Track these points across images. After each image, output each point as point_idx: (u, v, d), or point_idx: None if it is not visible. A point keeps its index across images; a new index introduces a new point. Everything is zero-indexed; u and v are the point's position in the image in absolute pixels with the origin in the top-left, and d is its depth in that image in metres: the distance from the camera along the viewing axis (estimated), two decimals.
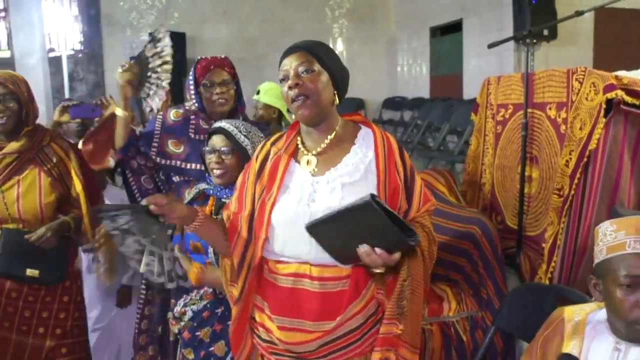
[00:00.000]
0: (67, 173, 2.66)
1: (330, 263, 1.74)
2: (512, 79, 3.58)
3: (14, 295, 2.62)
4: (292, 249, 1.77)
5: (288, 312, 1.77)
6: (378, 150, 1.83)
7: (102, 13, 9.79)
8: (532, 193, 3.31)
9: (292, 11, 10.09)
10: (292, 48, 1.80)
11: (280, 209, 1.78)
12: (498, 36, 6.76)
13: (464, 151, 6.40)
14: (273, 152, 1.87)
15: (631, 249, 1.58)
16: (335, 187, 1.76)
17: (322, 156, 1.83)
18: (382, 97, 9.98)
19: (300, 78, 1.75)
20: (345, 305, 1.75)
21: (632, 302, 1.57)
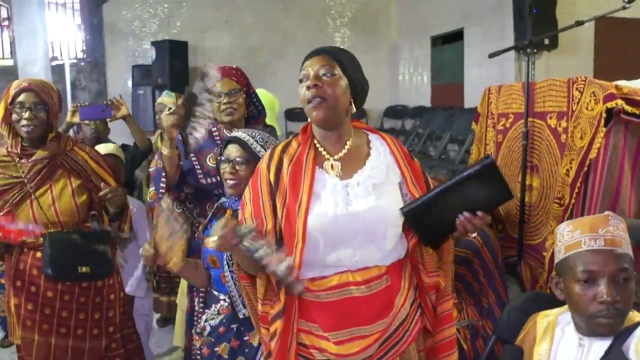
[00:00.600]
0: (94, 173, 2.74)
1: (370, 264, 1.78)
2: (513, 88, 3.59)
3: (66, 298, 2.66)
4: (334, 255, 1.77)
5: (343, 325, 1.76)
6: (395, 153, 1.89)
7: (104, 22, 9.84)
8: (532, 202, 3.31)
9: (294, 20, 10.13)
10: (316, 51, 1.85)
11: (316, 215, 1.76)
12: (499, 45, 6.79)
13: (465, 160, 6.42)
14: (287, 160, 1.86)
15: (586, 247, 1.67)
16: (368, 187, 1.80)
17: (344, 160, 1.86)
18: (383, 105, 9.99)
19: (320, 80, 1.78)
20: (393, 299, 1.80)
21: (589, 297, 1.65)
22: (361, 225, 1.76)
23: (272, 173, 1.85)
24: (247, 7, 10.02)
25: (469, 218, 1.73)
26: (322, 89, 1.77)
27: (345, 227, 1.74)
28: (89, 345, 2.70)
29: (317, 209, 1.76)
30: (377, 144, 1.91)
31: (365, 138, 1.93)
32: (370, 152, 1.88)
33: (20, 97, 2.56)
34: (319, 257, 1.77)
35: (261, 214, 1.82)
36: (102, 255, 2.71)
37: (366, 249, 1.76)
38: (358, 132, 1.94)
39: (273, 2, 10.05)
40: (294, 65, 3.10)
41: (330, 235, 1.75)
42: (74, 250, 2.63)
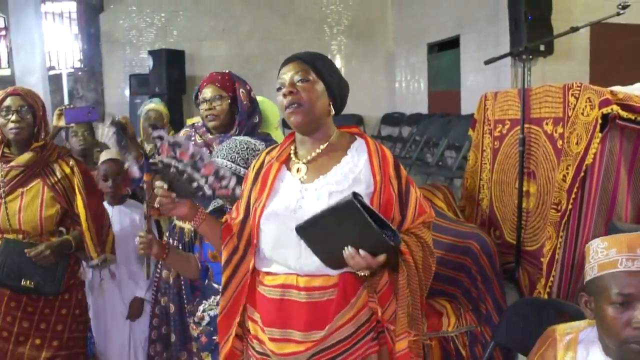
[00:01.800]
0: (71, 189, 2.70)
1: (318, 272, 1.77)
2: (509, 94, 3.60)
3: (12, 304, 2.64)
4: (281, 254, 1.81)
5: (278, 324, 1.80)
6: (373, 160, 1.85)
7: (101, 31, 9.89)
8: (530, 208, 3.32)
9: (291, 29, 10.17)
10: (289, 58, 1.87)
11: (268, 213, 1.82)
12: (495, 52, 6.82)
13: (462, 166, 6.42)
14: (267, 161, 1.92)
15: (623, 267, 1.57)
16: (322, 194, 1.79)
17: (312, 164, 1.87)
18: (380, 113, 10.02)
19: (295, 86, 1.80)
20: (332, 314, 1.77)
21: (624, 321, 1.56)
22: None
23: (253, 172, 1.94)
24: (244, 16, 10.06)
25: (351, 254, 1.63)
26: (298, 94, 1.79)
27: (292, 229, 1.72)
28: (28, 354, 2.65)
29: (271, 206, 1.82)
30: (355, 152, 1.88)
31: (350, 144, 1.90)
32: (341, 159, 1.86)
33: (7, 101, 2.60)
34: (268, 253, 1.84)
35: (239, 207, 1.95)
36: (52, 273, 2.65)
37: (311, 254, 1.73)
38: (344, 137, 1.92)
39: (270, 11, 10.09)
40: None
41: (278, 234, 1.80)
42: (23, 262, 2.58)
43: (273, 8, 10.11)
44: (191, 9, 9.99)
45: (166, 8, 9.97)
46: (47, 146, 2.71)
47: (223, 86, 2.73)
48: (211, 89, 2.73)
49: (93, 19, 9.86)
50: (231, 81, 2.76)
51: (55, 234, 2.71)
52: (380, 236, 1.59)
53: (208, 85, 2.74)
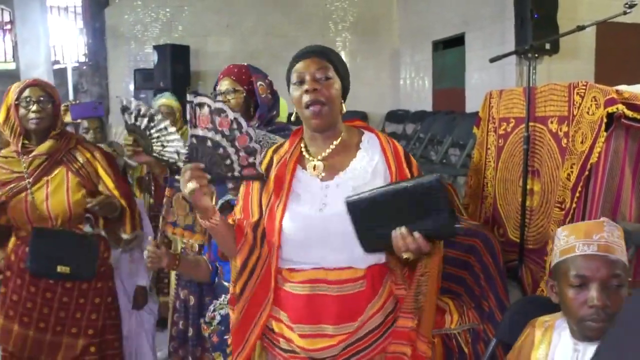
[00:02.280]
0: (95, 173, 2.75)
1: (345, 265, 1.76)
2: (514, 92, 3.60)
3: (48, 295, 2.70)
4: (306, 255, 1.78)
5: (308, 319, 1.77)
6: (386, 153, 1.84)
7: (106, 25, 9.89)
8: (533, 206, 3.32)
9: (296, 25, 10.16)
10: (307, 52, 1.80)
11: (291, 215, 1.78)
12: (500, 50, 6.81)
13: (466, 164, 6.41)
14: (276, 160, 1.87)
15: (580, 251, 1.69)
16: (346, 190, 1.75)
17: (328, 161, 1.84)
18: (385, 110, 10.01)
19: (318, 83, 1.75)
20: (364, 305, 1.77)
21: (581, 301, 1.67)
22: (335, 227, 1.73)
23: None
24: (248, 12, 10.06)
25: (403, 234, 1.58)
26: (322, 92, 1.75)
27: (320, 228, 1.73)
28: (65, 342, 2.72)
29: (293, 209, 1.78)
30: (367, 145, 1.87)
31: (359, 138, 1.90)
32: (357, 154, 1.85)
33: (26, 92, 2.63)
34: (294, 255, 1.79)
35: (248, 210, 1.87)
36: (86, 257, 2.71)
37: (340, 252, 1.75)
38: (352, 131, 1.90)
39: (274, 7, 10.08)
40: None
41: (305, 235, 1.76)
42: (57, 248, 2.64)
43: (277, 4, 10.09)
44: (196, 4, 9.99)
45: (171, 3, 9.97)
46: (65, 134, 2.76)
47: (238, 79, 2.69)
48: (227, 82, 2.69)
49: (98, 13, 9.87)
50: (247, 74, 2.71)
51: (83, 220, 2.75)
52: (451, 221, 1.58)
53: (224, 77, 2.70)
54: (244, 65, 2.78)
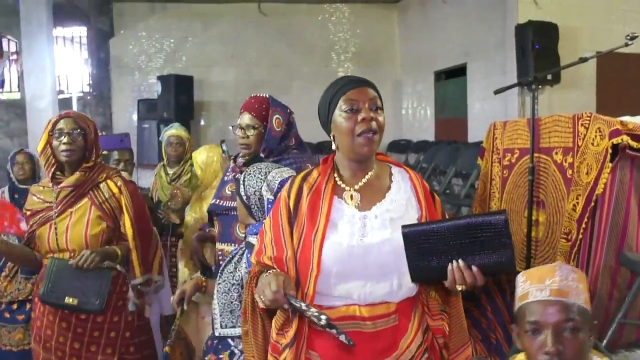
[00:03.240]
0: (119, 208, 2.75)
1: (378, 301, 1.75)
2: (518, 124, 3.62)
3: (64, 325, 2.70)
4: (344, 286, 1.75)
5: (343, 358, 1.73)
6: (416, 188, 1.86)
7: (111, 56, 9.97)
8: (539, 237, 3.31)
9: (299, 55, 10.23)
10: (360, 81, 1.83)
11: (331, 244, 1.74)
12: (502, 80, 6.86)
13: (469, 195, 6.41)
14: (306, 189, 1.85)
15: (533, 297, 1.67)
16: (385, 221, 1.76)
17: (363, 191, 1.83)
18: (387, 139, 10.02)
19: (374, 112, 1.77)
20: (398, 340, 1.76)
21: (536, 347, 1.65)
22: (375, 258, 1.73)
23: (291, 201, 1.85)
24: (252, 43, 10.13)
25: (462, 267, 1.64)
26: (377, 122, 1.77)
27: (359, 258, 1.72)
28: None
29: (332, 238, 1.75)
30: (399, 178, 1.89)
31: (388, 171, 1.91)
32: (391, 186, 1.86)
33: (60, 123, 2.67)
34: (330, 287, 1.75)
35: (281, 242, 1.83)
36: (95, 290, 2.69)
37: (377, 283, 1.74)
38: (381, 164, 1.92)
39: (278, 38, 10.17)
40: (299, 100, 3.14)
41: (344, 265, 1.73)
42: (68, 279, 2.66)
43: (281, 35, 10.18)
44: (200, 35, 10.08)
45: (175, 34, 10.06)
46: (95, 167, 2.77)
47: (258, 115, 2.71)
48: (247, 118, 2.72)
49: (103, 43, 9.96)
50: (267, 109, 2.72)
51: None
52: (512, 259, 1.63)
53: (244, 112, 2.74)
54: (265, 99, 2.77)
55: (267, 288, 1.66)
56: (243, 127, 2.73)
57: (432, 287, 1.83)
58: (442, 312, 1.86)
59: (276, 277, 1.68)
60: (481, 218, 1.63)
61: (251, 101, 2.77)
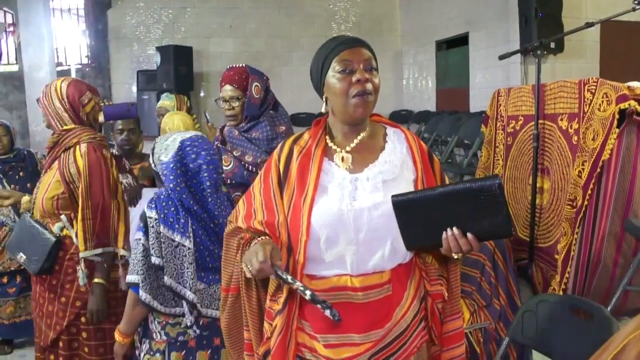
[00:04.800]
0: (77, 174, 2.68)
1: (370, 271, 1.68)
2: (523, 90, 3.58)
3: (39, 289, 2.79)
4: (335, 252, 1.68)
5: (333, 329, 1.67)
6: (413, 149, 1.79)
7: (109, 27, 9.88)
8: (543, 204, 3.30)
9: (298, 26, 10.14)
10: (354, 41, 1.73)
11: (321, 209, 1.68)
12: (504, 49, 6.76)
13: (472, 163, 6.39)
14: (297, 151, 1.79)
15: None
16: (377, 183, 1.70)
17: (356, 153, 1.76)
18: (388, 110, 9.97)
19: (369, 73, 1.69)
20: (391, 310, 1.70)
21: None
22: (366, 222, 1.66)
23: (282, 164, 1.79)
24: (251, 13, 10.04)
25: (457, 235, 1.59)
26: (372, 83, 1.68)
27: (350, 222, 1.65)
28: (43, 329, 2.78)
29: (322, 202, 1.69)
30: (394, 139, 1.81)
31: (383, 131, 1.84)
32: (385, 147, 1.79)
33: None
34: (320, 253, 1.68)
35: (272, 206, 1.77)
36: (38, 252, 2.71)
37: (369, 248, 1.67)
38: (375, 125, 1.84)
39: (277, 8, 10.07)
40: (298, 71, 3.16)
41: (334, 230, 1.67)
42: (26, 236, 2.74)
43: (280, 5, 10.08)
44: (199, 6, 9.97)
45: (173, 4, 9.95)
46: (72, 131, 2.72)
47: (240, 86, 2.80)
48: (229, 90, 2.81)
49: (101, 15, 9.85)
50: (247, 79, 2.80)
51: (56, 217, 2.72)
52: (508, 222, 1.58)
53: (225, 84, 2.82)
54: (243, 69, 2.86)
55: (254, 257, 1.59)
56: (227, 100, 2.82)
57: (429, 254, 1.79)
58: (440, 277, 1.81)
59: (263, 246, 1.61)
60: (474, 184, 1.56)
61: (230, 73, 2.84)
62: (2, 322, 4.14)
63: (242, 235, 1.83)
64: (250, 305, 1.87)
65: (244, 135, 2.82)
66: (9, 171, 4.15)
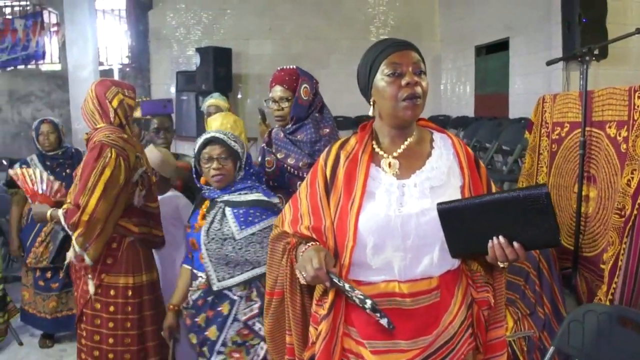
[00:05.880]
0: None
1: (419, 276, 1.68)
2: (569, 97, 3.53)
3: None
4: (383, 259, 1.68)
5: (381, 335, 1.67)
6: (459, 155, 1.79)
7: (150, 28, 9.99)
8: (588, 213, 3.25)
9: (337, 29, 10.14)
10: (403, 44, 1.74)
11: (368, 215, 1.68)
12: (546, 55, 6.68)
13: (513, 170, 6.32)
14: (344, 156, 1.79)
15: None
16: (424, 190, 1.70)
17: (402, 159, 1.76)
18: (425, 114, 9.62)
19: (418, 77, 1.69)
20: (439, 317, 1.70)
21: None
22: (413, 228, 1.66)
23: (328, 169, 1.80)
24: (289, 16, 10.07)
25: (503, 244, 1.58)
26: (420, 86, 1.68)
27: (397, 228, 1.66)
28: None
29: (369, 208, 1.69)
30: (441, 144, 1.81)
31: (430, 137, 1.83)
32: (432, 152, 1.78)
33: None
34: (367, 259, 1.68)
35: (319, 211, 1.78)
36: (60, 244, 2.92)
37: (417, 254, 1.67)
38: (422, 130, 1.84)
39: (316, 11, 10.09)
40: (336, 74, 3.18)
41: (381, 236, 1.67)
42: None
43: (319, 7, 10.09)
44: (238, 8, 10.03)
45: (213, 6, 10.03)
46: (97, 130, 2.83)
47: (290, 87, 2.84)
48: (279, 90, 2.86)
49: (142, 16, 9.99)
50: (297, 80, 2.84)
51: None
52: (556, 231, 1.56)
53: (276, 85, 2.87)
54: (294, 70, 2.90)
55: (308, 264, 1.60)
56: (276, 100, 2.87)
57: (475, 261, 1.77)
58: (487, 284, 1.79)
59: (317, 252, 1.62)
60: (521, 192, 1.56)
61: (281, 74, 2.89)
62: (44, 316, 4.23)
63: (288, 240, 1.85)
64: (294, 309, 1.88)
65: (289, 138, 2.85)
66: (56, 168, 4.25)
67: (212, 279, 2.52)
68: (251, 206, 2.52)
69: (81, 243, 2.65)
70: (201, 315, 2.57)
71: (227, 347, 2.52)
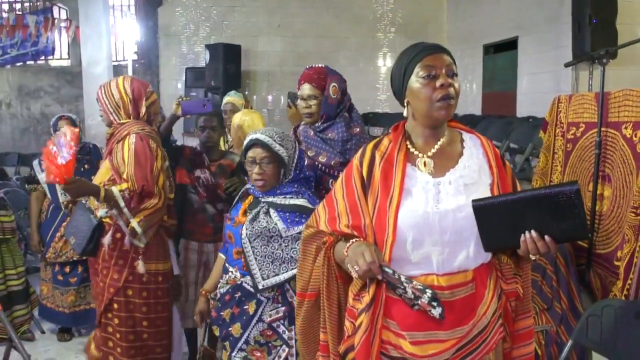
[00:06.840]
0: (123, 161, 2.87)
1: (455, 270, 1.77)
2: (585, 97, 3.59)
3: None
4: (421, 254, 1.76)
5: (421, 326, 1.75)
6: (488, 153, 1.88)
7: (159, 24, 10.05)
8: (603, 211, 3.31)
9: (346, 27, 10.21)
10: (436, 47, 1.83)
11: (406, 211, 1.76)
12: (555, 54, 6.72)
13: (524, 169, 6.37)
14: (379, 157, 1.88)
15: None
16: (459, 187, 1.79)
17: (436, 158, 1.85)
18: None
19: (451, 78, 1.78)
20: (475, 308, 1.78)
21: None
22: (451, 224, 1.75)
23: (364, 169, 1.88)
24: (298, 13, 10.14)
25: (535, 238, 1.67)
26: (454, 88, 1.78)
27: (435, 224, 1.74)
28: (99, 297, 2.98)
29: (407, 205, 1.77)
30: (471, 144, 1.90)
31: (459, 137, 1.92)
32: (463, 152, 1.87)
33: None
34: (407, 254, 1.76)
35: (357, 209, 1.85)
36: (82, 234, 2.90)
37: (454, 249, 1.76)
38: (452, 130, 1.93)
39: (325, 8, 10.15)
40: (345, 71, 3.22)
41: (420, 231, 1.75)
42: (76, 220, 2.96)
43: (328, 5, 10.16)
44: (247, 5, 10.10)
45: (223, 3, 10.10)
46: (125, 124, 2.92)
47: (318, 85, 2.88)
48: (307, 88, 2.90)
49: (151, 12, 10.06)
50: (326, 79, 2.89)
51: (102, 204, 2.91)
52: (585, 225, 1.67)
53: (305, 83, 2.91)
54: (323, 69, 2.95)
55: (360, 258, 1.68)
56: (305, 98, 2.91)
57: (504, 253, 1.86)
58: (516, 276, 1.89)
59: (369, 247, 1.71)
60: (553, 189, 1.65)
61: (310, 72, 2.94)
62: (62, 310, 4.29)
63: (325, 239, 1.93)
64: (330, 306, 1.96)
65: (319, 136, 2.89)
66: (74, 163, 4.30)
67: (257, 278, 2.49)
68: (295, 211, 2.51)
69: (145, 226, 2.79)
70: (226, 310, 2.59)
71: (249, 345, 2.53)
